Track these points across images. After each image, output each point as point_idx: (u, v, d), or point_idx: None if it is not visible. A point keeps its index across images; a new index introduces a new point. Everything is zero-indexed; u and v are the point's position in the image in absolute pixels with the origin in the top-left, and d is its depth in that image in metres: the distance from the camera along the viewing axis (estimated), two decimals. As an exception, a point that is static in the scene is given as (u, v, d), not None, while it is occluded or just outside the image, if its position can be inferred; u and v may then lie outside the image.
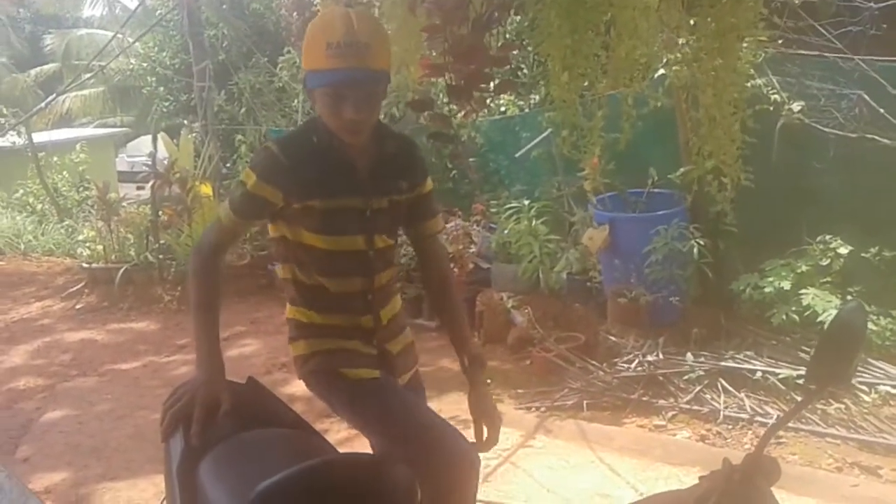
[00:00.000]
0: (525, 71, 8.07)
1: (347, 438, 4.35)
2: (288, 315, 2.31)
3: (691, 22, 3.01)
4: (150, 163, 8.11)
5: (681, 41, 3.84)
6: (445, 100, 3.21)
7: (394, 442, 2.12)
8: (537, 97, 7.79)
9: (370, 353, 2.24)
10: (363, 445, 2.40)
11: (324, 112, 2.09)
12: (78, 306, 7.90)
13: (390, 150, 2.23)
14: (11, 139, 14.07)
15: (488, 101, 6.37)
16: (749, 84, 4.36)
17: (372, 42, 1.99)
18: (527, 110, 7.76)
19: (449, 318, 2.43)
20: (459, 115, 3.23)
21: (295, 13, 7.65)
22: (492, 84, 3.15)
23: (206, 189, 8.44)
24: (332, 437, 3.83)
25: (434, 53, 3.07)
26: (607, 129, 3.47)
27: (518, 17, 5.04)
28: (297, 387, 5.19)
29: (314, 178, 2.11)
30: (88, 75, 13.60)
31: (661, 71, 5.07)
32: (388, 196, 2.22)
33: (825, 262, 4.69)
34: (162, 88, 12.01)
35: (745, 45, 2.91)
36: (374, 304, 2.25)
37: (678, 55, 3.63)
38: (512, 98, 7.82)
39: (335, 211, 2.14)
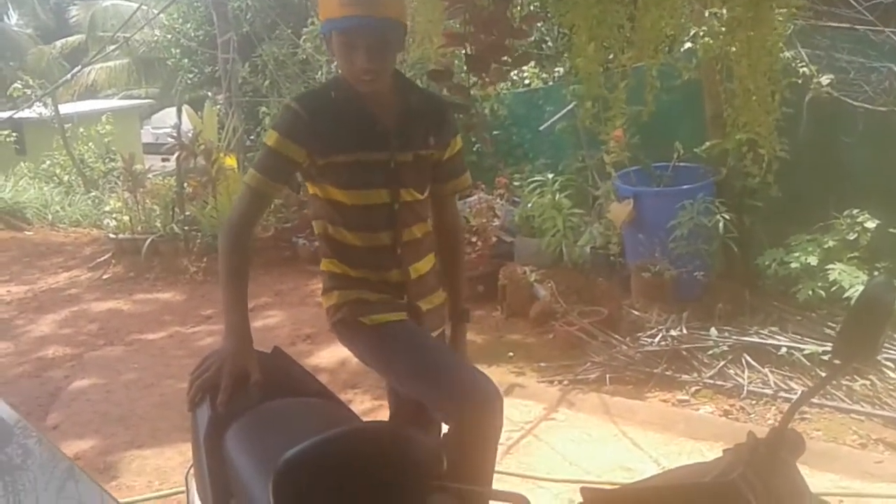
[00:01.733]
0: (549, 44, 8.01)
1: (372, 409, 4.40)
2: (322, 268, 2.35)
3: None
4: (174, 134, 8.16)
5: (708, 13, 3.80)
6: (466, 71, 3.20)
7: (418, 382, 2.15)
8: (561, 70, 7.74)
9: (399, 305, 2.26)
10: (387, 415, 2.43)
11: (339, 62, 2.14)
12: (105, 276, 8.00)
13: (416, 105, 2.24)
14: (38, 111, 14.22)
15: (509, 72, 6.35)
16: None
17: None
18: (551, 83, 7.71)
19: (451, 268, 2.48)
20: (477, 85, 3.22)
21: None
22: (510, 57, 3.13)
23: (231, 161, 8.48)
24: (356, 408, 3.87)
25: (456, 24, 3.06)
26: (632, 102, 3.44)
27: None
28: (322, 358, 5.30)
29: (335, 132, 2.14)
30: (113, 47, 13.68)
31: (688, 44, 5.02)
32: (413, 150, 2.23)
33: (852, 237, 4.64)
34: (186, 60, 12.02)
35: (779, 14, 2.87)
36: (403, 258, 2.27)
37: (707, 27, 3.59)
38: (536, 71, 7.78)
39: (358, 165, 2.17)
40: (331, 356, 5.26)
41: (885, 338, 1.36)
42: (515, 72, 7.37)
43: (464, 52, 3.07)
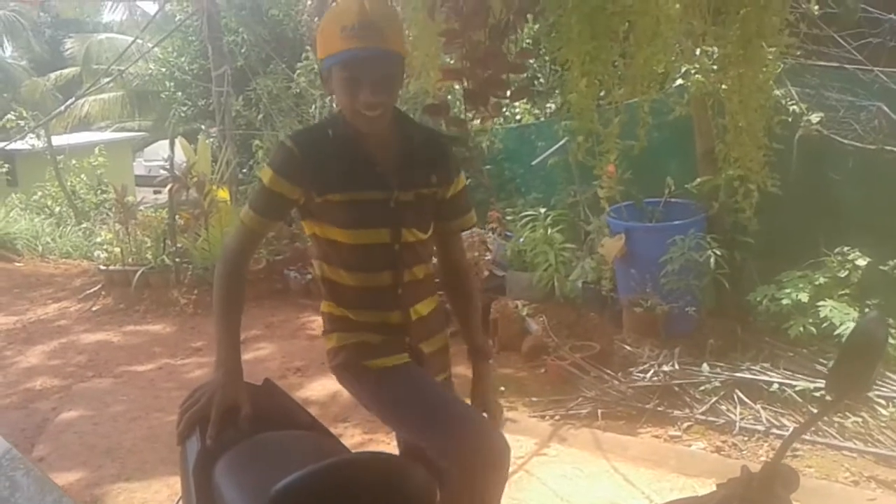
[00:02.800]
0: (541, 80, 8.08)
1: (362, 443, 4.36)
2: (322, 309, 2.30)
3: (714, 29, 3.01)
4: (167, 167, 8.16)
5: (699, 50, 3.84)
6: (463, 106, 3.22)
7: (422, 429, 2.09)
8: (553, 106, 7.80)
9: (400, 348, 2.20)
10: (378, 449, 2.41)
11: (340, 97, 2.07)
12: (94, 308, 7.95)
13: (417, 143, 2.19)
14: (31, 142, 14.26)
15: (505, 107, 6.39)
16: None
17: (386, 25, 2.01)
18: (542, 119, 7.77)
19: (463, 306, 2.43)
20: (475, 120, 3.24)
21: (316, 18, 7.69)
22: (508, 91, 3.16)
23: (223, 193, 8.49)
24: (347, 441, 3.83)
25: (451, 59, 3.08)
26: (623, 137, 3.47)
27: (536, 25, 5.06)
28: (312, 390, 5.26)
29: (331, 170, 2.09)
30: (108, 79, 13.75)
31: (679, 81, 5.07)
32: (415, 189, 2.16)
33: (843, 274, 4.66)
34: (180, 93, 12.09)
35: (770, 52, 2.90)
36: (404, 299, 2.20)
37: (699, 64, 3.63)
38: (528, 107, 7.84)
39: (356, 203, 2.11)
40: (321, 389, 5.23)
41: (877, 374, 1.36)
42: (507, 107, 7.42)
43: (461, 86, 3.10)
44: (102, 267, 8.48)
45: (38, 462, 4.41)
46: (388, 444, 4.34)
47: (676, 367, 4.75)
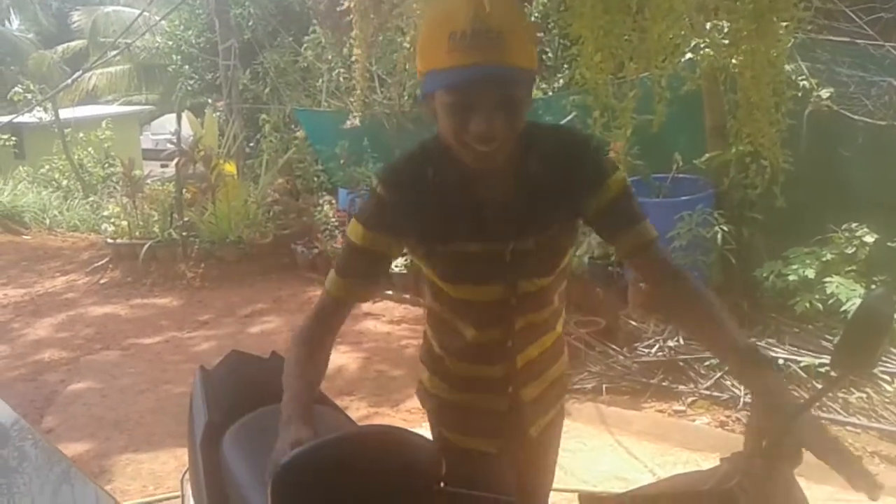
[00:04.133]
0: (549, 54, 8.02)
1: (368, 415, 4.39)
2: (425, 332, 1.95)
3: (727, 3, 2.99)
4: (174, 140, 8.16)
5: (709, 25, 3.81)
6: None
7: None
8: (561, 81, 7.75)
9: (496, 410, 1.85)
10: (384, 421, 2.42)
11: (445, 127, 1.59)
12: (102, 281, 7.99)
13: (542, 172, 1.67)
14: (38, 115, 14.25)
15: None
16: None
17: (509, 30, 1.49)
18: (550, 94, 7.73)
19: (692, 318, 1.78)
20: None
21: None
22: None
23: (230, 167, 8.51)
24: (353, 414, 3.87)
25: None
26: (636, 112, 3.45)
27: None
28: (318, 364, 5.27)
29: (431, 218, 1.68)
30: (114, 52, 13.67)
31: (689, 55, 5.02)
32: (535, 234, 1.69)
33: (850, 251, 4.65)
34: (187, 67, 12.04)
35: (782, 27, 2.88)
36: (513, 350, 1.80)
37: (709, 38, 3.60)
38: (537, 81, 7.79)
39: (462, 257, 1.70)
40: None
41: (883, 350, 1.36)
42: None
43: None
44: (110, 240, 8.51)
45: (47, 433, 4.46)
46: (393, 416, 4.37)
47: (681, 342, 4.75)
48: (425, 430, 1.96)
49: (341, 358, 5.34)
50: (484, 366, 1.82)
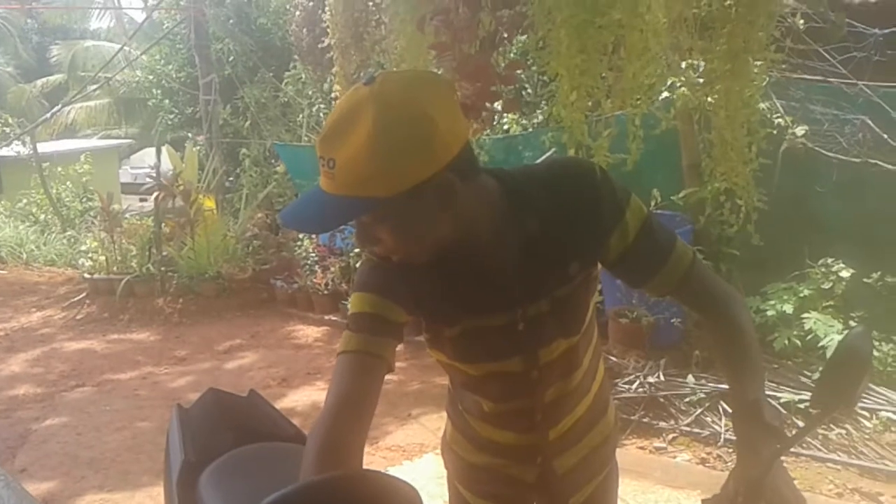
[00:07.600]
0: (529, 90, 8.10)
1: (346, 454, 4.33)
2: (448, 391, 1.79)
3: (701, 44, 3.03)
4: (153, 174, 8.14)
5: (685, 64, 3.86)
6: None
7: None
8: (540, 117, 7.82)
9: (522, 480, 1.68)
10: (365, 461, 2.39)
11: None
12: (78, 316, 7.91)
13: (535, 230, 1.45)
14: (16, 149, 14.18)
15: (495, 118, 6.40)
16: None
17: (344, 157, 1.25)
18: (530, 130, 7.79)
19: (721, 346, 1.57)
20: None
21: (305, 29, 7.70)
22: (497, 104, 3.18)
23: (210, 202, 8.48)
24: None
25: (442, 71, 3.09)
26: (611, 150, 3.48)
27: (524, 37, 5.08)
28: (296, 401, 5.24)
29: (429, 299, 1.48)
30: (94, 87, 13.66)
31: (665, 94, 5.09)
32: (549, 293, 1.50)
33: (827, 286, 4.69)
34: (167, 101, 12.06)
35: (756, 67, 2.93)
36: (544, 423, 1.62)
37: (684, 78, 3.65)
38: (516, 117, 7.85)
39: (470, 335, 1.51)
40: (306, 399, 5.21)
41: (863, 389, 1.36)
42: (497, 119, 7.44)
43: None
44: (87, 275, 8.44)
45: (20, 473, 4.37)
46: (372, 454, 4.32)
47: (662, 378, 4.75)
48: (405, 470, 1.93)
49: (319, 394, 5.29)
50: (510, 432, 1.64)
